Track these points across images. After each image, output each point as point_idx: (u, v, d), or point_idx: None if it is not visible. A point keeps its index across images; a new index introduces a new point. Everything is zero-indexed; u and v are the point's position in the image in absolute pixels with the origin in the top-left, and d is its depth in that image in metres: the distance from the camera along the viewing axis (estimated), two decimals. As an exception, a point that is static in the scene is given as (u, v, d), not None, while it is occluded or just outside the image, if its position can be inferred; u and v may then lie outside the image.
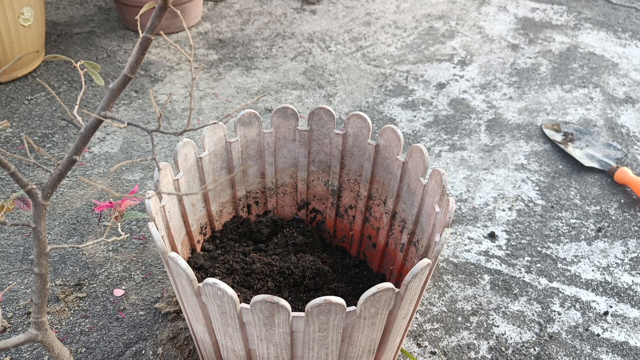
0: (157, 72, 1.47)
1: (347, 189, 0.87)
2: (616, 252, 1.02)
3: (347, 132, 0.81)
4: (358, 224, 0.88)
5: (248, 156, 0.81)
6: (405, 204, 0.78)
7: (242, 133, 0.79)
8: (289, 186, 0.88)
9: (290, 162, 0.86)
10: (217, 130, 0.74)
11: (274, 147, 0.82)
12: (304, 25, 1.72)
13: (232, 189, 0.83)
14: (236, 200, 0.84)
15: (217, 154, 0.77)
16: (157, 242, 0.55)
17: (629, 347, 0.86)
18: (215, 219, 0.82)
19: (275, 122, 0.80)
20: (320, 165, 0.86)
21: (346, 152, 0.83)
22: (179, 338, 0.83)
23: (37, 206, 0.41)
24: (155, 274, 0.93)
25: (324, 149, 0.84)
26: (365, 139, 0.80)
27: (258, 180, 0.85)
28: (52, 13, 1.70)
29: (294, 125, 0.81)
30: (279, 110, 0.79)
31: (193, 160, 0.72)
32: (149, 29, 0.36)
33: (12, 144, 1.19)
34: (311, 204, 0.91)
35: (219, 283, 0.50)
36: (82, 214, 1.04)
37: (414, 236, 0.77)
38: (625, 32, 1.74)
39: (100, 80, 0.45)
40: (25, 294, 0.89)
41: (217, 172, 0.78)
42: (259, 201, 0.88)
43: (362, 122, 0.79)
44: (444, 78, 1.50)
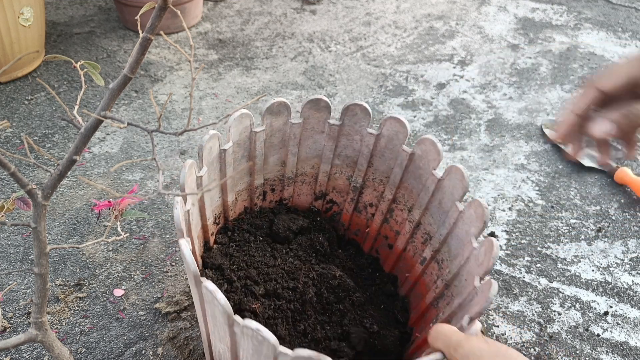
0: (157, 72, 1.47)
1: (370, 187, 0.83)
2: (616, 252, 1.02)
3: (382, 133, 0.77)
4: (376, 223, 0.85)
5: (271, 145, 0.77)
6: (433, 218, 0.74)
7: (269, 122, 0.75)
8: (308, 176, 0.85)
9: (314, 153, 0.82)
10: (243, 120, 0.71)
11: (300, 137, 0.79)
12: (304, 25, 1.73)
13: (250, 177, 0.79)
14: (253, 188, 0.81)
15: (240, 144, 0.73)
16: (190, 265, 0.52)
17: (629, 347, 0.86)
18: (230, 207, 0.79)
19: (305, 112, 0.76)
20: (345, 160, 0.82)
21: (376, 152, 0.79)
22: (179, 338, 0.83)
23: (37, 206, 0.41)
24: (155, 274, 0.93)
25: (352, 145, 0.80)
26: (401, 144, 0.76)
27: (278, 168, 0.82)
28: (52, 13, 1.70)
29: (324, 117, 0.77)
30: (311, 101, 0.75)
31: (216, 153, 0.69)
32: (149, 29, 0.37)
33: (12, 144, 1.19)
34: (329, 195, 0.87)
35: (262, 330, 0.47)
36: (82, 214, 1.04)
37: (438, 254, 0.73)
38: (625, 32, 1.74)
39: (100, 81, 0.45)
40: (25, 294, 0.89)
41: (238, 161, 0.75)
42: (275, 188, 0.84)
43: (399, 127, 0.74)
44: (444, 78, 1.50)
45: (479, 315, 0.54)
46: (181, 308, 0.87)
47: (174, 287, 0.91)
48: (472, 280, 0.61)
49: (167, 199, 1.08)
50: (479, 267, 0.61)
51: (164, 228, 1.02)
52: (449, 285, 0.69)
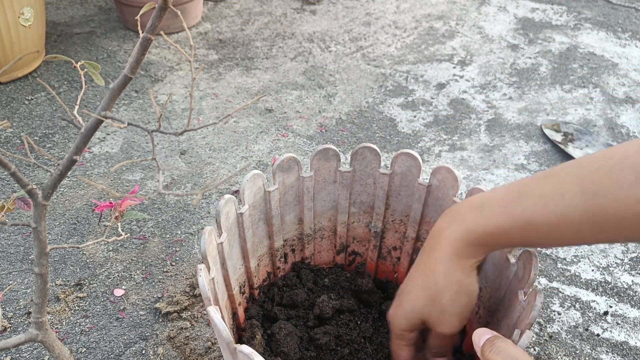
0: (157, 72, 1.47)
1: (391, 230, 0.81)
2: (616, 252, 1.02)
3: (394, 171, 0.74)
4: (403, 266, 0.82)
5: (286, 203, 0.75)
6: None
7: (280, 180, 0.73)
8: (327, 230, 0.82)
9: (329, 205, 0.79)
10: (256, 180, 0.69)
11: (313, 191, 0.77)
12: (304, 26, 1.73)
13: (269, 239, 0.77)
14: (273, 251, 0.79)
15: (256, 206, 0.71)
16: (222, 331, 0.50)
17: (628, 347, 0.86)
18: (253, 274, 0.76)
19: (315, 164, 0.74)
20: (362, 207, 0.80)
21: (392, 192, 0.76)
22: (179, 338, 0.83)
23: (38, 206, 0.41)
24: (156, 274, 0.93)
25: (366, 190, 0.78)
26: (415, 179, 0.73)
27: (295, 227, 0.80)
28: (52, 13, 1.70)
29: (335, 166, 0.75)
30: (319, 152, 0.73)
31: (234, 218, 0.67)
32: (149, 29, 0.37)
33: (12, 144, 1.19)
34: (350, 247, 0.85)
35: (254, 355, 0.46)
36: (82, 214, 1.04)
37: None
38: (625, 32, 1.75)
39: (101, 81, 0.45)
40: (26, 294, 0.89)
41: (256, 224, 0.73)
42: (295, 248, 0.82)
43: (411, 161, 0.72)
44: (444, 78, 1.50)
45: (529, 327, 0.53)
46: (181, 308, 0.87)
47: (174, 287, 0.91)
48: (516, 298, 0.59)
49: (168, 199, 1.08)
50: (520, 282, 0.59)
51: (164, 228, 1.02)
52: (493, 312, 0.67)
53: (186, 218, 1.04)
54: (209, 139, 1.24)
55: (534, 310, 0.53)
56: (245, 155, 1.20)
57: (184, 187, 1.12)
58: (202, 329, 0.85)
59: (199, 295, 0.89)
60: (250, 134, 1.27)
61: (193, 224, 1.03)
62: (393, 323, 0.60)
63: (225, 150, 1.21)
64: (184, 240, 0.99)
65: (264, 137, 1.25)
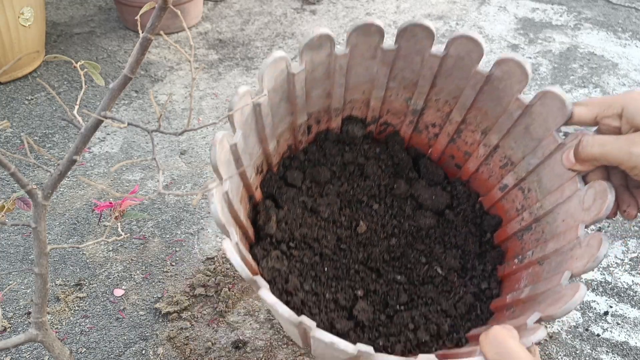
0: (157, 72, 1.47)
1: (432, 108, 0.72)
2: (616, 252, 1.02)
3: (449, 53, 0.65)
4: (441, 144, 0.74)
5: (314, 79, 0.65)
6: (515, 143, 0.65)
7: (308, 58, 0.62)
8: (358, 102, 0.72)
9: (364, 79, 0.69)
10: (278, 64, 0.59)
11: (347, 67, 0.66)
12: (304, 26, 1.73)
13: (291, 116, 0.67)
14: (295, 126, 0.69)
15: (277, 89, 0.61)
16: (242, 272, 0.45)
17: (629, 347, 0.86)
18: (272, 154, 0.67)
19: (352, 40, 0.63)
20: (402, 82, 0.70)
21: (442, 72, 0.67)
22: (179, 338, 0.83)
23: (37, 206, 0.41)
24: (155, 274, 0.93)
25: (411, 67, 0.68)
26: (474, 65, 0.64)
27: (323, 100, 0.69)
28: (52, 13, 1.70)
29: (377, 43, 0.64)
30: (359, 27, 0.62)
31: (249, 110, 0.58)
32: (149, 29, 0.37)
33: (12, 144, 1.19)
34: (383, 118, 0.74)
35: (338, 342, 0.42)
36: (82, 214, 1.04)
37: (523, 182, 0.64)
38: (625, 32, 1.75)
39: (101, 81, 0.45)
40: (26, 294, 0.89)
41: (276, 105, 0.63)
42: (320, 120, 0.72)
43: (472, 45, 0.63)
44: (444, 78, 1.50)
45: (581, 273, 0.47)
46: (181, 308, 0.87)
47: (174, 287, 0.91)
48: (574, 226, 0.53)
49: (168, 199, 1.08)
50: (584, 211, 0.52)
51: (164, 228, 1.02)
52: (539, 220, 0.61)
53: (186, 218, 1.04)
54: (209, 139, 1.24)
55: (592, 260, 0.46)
56: (245, 155, 1.20)
57: (184, 187, 1.12)
58: (202, 329, 0.85)
59: (199, 296, 0.89)
60: (250, 134, 1.27)
61: (193, 224, 1.03)
62: None
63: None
64: (184, 240, 0.99)
65: (264, 137, 1.25)
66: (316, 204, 0.68)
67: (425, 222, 0.69)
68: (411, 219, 0.70)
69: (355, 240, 0.67)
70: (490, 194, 0.70)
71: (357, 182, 0.71)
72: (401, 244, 0.68)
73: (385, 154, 0.74)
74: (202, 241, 0.99)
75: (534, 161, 0.62)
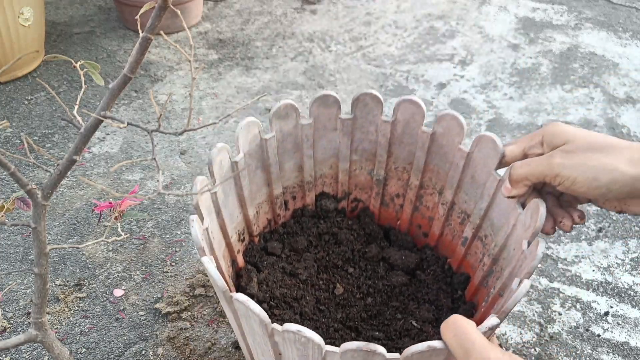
0: (157, 72, 1.47)
1: (394, 178, 0.80)
2: (617, 252, 1.02)
3: (397, 118, 0.73)
4: (406, 213, 0.82)
5: (285, 150, 0.73)
6: (467, 195, 0.72)
7: (277, 127, 0.70)
8: (328, 177, 0.80)
9: (330, 153, 0.77)
10: (251, 128, 0.66)
11: (313, 138, 0.74)
12: (304, 25, 1.72)
13: (268, 187, 0.75)
14: (273, 198, 0.77)
15: (252, 154, 0.69)
16: (217, 281, 0.50)
17: (629, 347, 0.86)
18: (252, 222, 0.75)
19: (314, 111, 0.72)
20: (364, 154, 0.78)
21: (394, 139, 0.75)
22: (179, 338, 0.83)
23: (37, 206, 0.41)
24: (155, 274, 0.93)
25: (368, 137, 0.76)
26: (419, 127, 0.72)
27: (295, 174, 0.77)
28: (52, 13, 1.70)
29: (335, 113, 0.73)
30: (319, 98, 0.71)
31: (228, 166, 0.65)
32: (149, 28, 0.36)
33: (12, 144, 1.19)
34: (352, 194, 0.83)
35: (304, 330, 0.45)
36: (82, 214, 1.04)
37: (480, 230, 0.71)
38: (625, 32, 1.74)
39: (100, 80, 0.45)
40: (25, 294, 0.89)
41: (253, 172, 0.71)
42: (296, 196, 0.80)
43: (414, 108, 0.71)
44: (445, 78, 1.50)
45: (529, 276, 0.52)
46: (181, 308, 0.87)
47: (174, 287, 0.91)
48: (519, 247, 0.58)
49: (167, 199, 1.08)
50: (525, 231, 0.59)
51: (164, 228, 1.02)
52: (497, 259, 0.66)
53: (186, 218, 1.04)
54: (209, 139, 1.24)
55: (535, 260, 0.52)
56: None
57: (184, 187, 1.12)
58: (202, 329, 0.84)
59: (199, 296, 0.89)
60: (250, 133, 1.26)
61: (193, 224, 1.03)
62: None
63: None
64: (184, 241, 0.99)
65: (264, 137, 1.25)
66: (295, 268, 0.74)
67: (398, 280, 0.74)
68: (384, 279, 0.75)
69: (333, 301, 0.72)
70: (455, 253, 0.77)
71: (332, 248, 0.78)
72: (377, 302, 0.73)
73: (357, 225, 0.82)
74: (202, 241, 0.99)
75: (483, 205, 0.69)
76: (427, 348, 0.44)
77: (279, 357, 0.52)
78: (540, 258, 0.53)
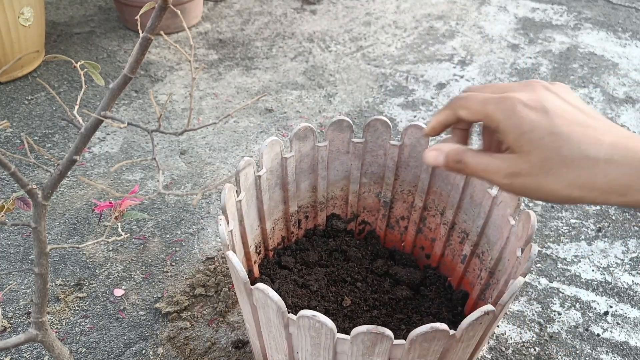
0: (157, 72, 1.47)
1: (399, 200, 0.86)
2: (616, 252, 1.02)
3: (404, 142, 0.79)
4: (410, 235, 0.88)
5: (301, 171, 0.80)
6: (467, 215, 0.77)
7: (297, 147, 0.77)
8: (339, 199, 0.87)
9: (342, 175, 0.84)
10: (274, 146, 0.73)
11: (327, 160, 0.81)
12: (304, 25, 1.73)
13: (284, 204, 0.82)
14: (288, 216, 0.83)
15: (273, 171, 0.76)
16: (240, 272, 0.55)
17: (629, 347, 0.86)
18: (269, 236, 0.81)
19: (329, 135, 0.79)
20: (372, 177, 0.84)
21: (401, 163, 0.81)
22: (179, 338, 0.83)
23: (37, 206, 0.41)
24: (155, 274, 0.93)
25: (377, 161, 0.82)
26: (424, 149, 0.78)
27: (309, 194, 0.84)
28: (52, 13, 1.70)
29: (348, 137, 0.80)
30: (334, 123, 0.78)
31: (252, 179, 0.72)
32: (149, 28, 0.36)
33: (12, 144, 1.19)
34: (360, 216, 0.89)
35: (318, 315, 0.49)
36: (82, 214, 1.04)
37: (477, 248, 0.76)
38: (625, 32, 1.74)
39: (101, 80, 0.45)
40: (25, 294, 0.89)
41: (272, 188, 0.77)
42: (308, 215, 0.87)
43: (420, 133, 0.77)
44: (444, 78, 1.50)
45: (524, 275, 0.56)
46: (181, 308, 0.87)
47: (174, 287, 0.91)
48: (514, 256, 0.62)
49: (168, 199, 1.08)
50: (519, 241, 0.62)
51: (164, 228, 1.02)
52: (493, 272, 0.71)
53: (186, 218, 1.04)
54: (209, 138, 1.24)
55: (529, 261, 0.55)
56: (245, 155, 1.20)
57: (184, 187, 1.12)
58: (202, 329, 0.84)
59: (199, 296, 0.89)
60: (250, 133, 1.27)
61: (193, 224, 1.03)
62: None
63: (225, 150, 1.21)
64: (184, 240, 0.99)
65: (264, 137, 1.25)
66: (306, 280, 0.80)
67: (403, 294, 0.80)
68: (390, 293, 0.80)
69: (341, 312, 0.78)
70: (455, 272, 0.82)
71: (341, 264, 0.84)
72: (382, 314, 0.78)
73: (364, 245, 0.88)
74: (202, 241, 0.99)
75: (480, 222, 0.74)
76: (430, 329, 0.48)
77: (291, 350, 0.55)
78: (534, 260, 0.56)
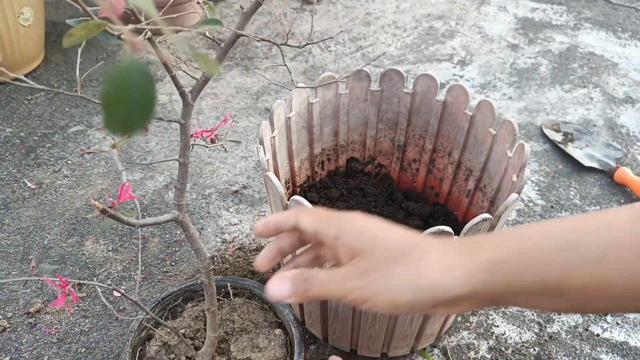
0: (157, 72, 1.47)
1: (411, 144, 0.94)
2: (616, 252, 1.02)
3: (416, 91, 0.87)
4: (421, 176, 0.97)
5: (325, 116, 0.88)
6: (471, 154, 0.85)
7: (321, 94, 0.85)
8: (358, 143, 0.96)
9: (360, 121, 0.93)
10: (301, 93, 0.82)
11: (348, 106, 0.90)
12: (303, 25, 1.73)
13: (310, 147, 0.90)
14: (312, 157, 0.92)
15: (300, 114, 0.84)
16: (278, 188, 0.63)
17: (628, 347, 0.86)
18: (296, 173, 0.90)
19: (350, 84, 0.87)
20: (387, 123, 0.93)
21: (413, 109, 0.89)
22: (178, 338, 0.83)
23: (187, 106, 0.49)
24: (155, 274, 0.93)
25: (392, 108, 0.91)
26: (433, 97, 0.86)
27: (332, 138, 0.93)
28: (52, 13, 1.70)
29: (366, 86, 0.88)
30: (354, 74, 0.86)
31: (283, 120, 0.80)
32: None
33: (12, 144, 1.19)
34: (377, 159, 0.98)
35: (303, 200, 0.59)
36: (82, 214, 1.04)
37: (480, 182, 0.84)
38: (625, 32, 1.75)
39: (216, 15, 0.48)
40: (25, 294, 0.89)
41: (300, 131, 0.86)
42: (330, 158, 0.96)
43: (430, 81, 0.85)
44: (444, 78, 1.50)
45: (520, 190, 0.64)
46: (181, 308, 0.87)
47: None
48: (510, 182, 0.69)
49: (167, 199, 1.08)
50: (514, 169, 0.70)
51: (163, 228, 1.02)
52: (494, 200, 0.78)
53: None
54: (209, 139, 1.24)
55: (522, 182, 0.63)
56: (245, 155, 1.20)
57: (184, 187, 1.12)
58: (202, 329, 0.85)
59: (198, 295, 0.89)
60: (249, 133, 1.27)
61: (193, 224, 1.03)
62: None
63: (225, 150, 1.21)
64: (184, 240, 0.99)
65: (263, 137, 1.25)
66: None
67: (414, 223, 0.89)
68: (403, 222, 0.89)
69: None
70: (461, 207, 0.90)
71: (360, 200, 0.93)
72: None
73: (380, 185, 0.98)
74: (202, 241, 0.99)
75: (482, 159, 0.82)
76: (437, 230, 0.56)
77: None
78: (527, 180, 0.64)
